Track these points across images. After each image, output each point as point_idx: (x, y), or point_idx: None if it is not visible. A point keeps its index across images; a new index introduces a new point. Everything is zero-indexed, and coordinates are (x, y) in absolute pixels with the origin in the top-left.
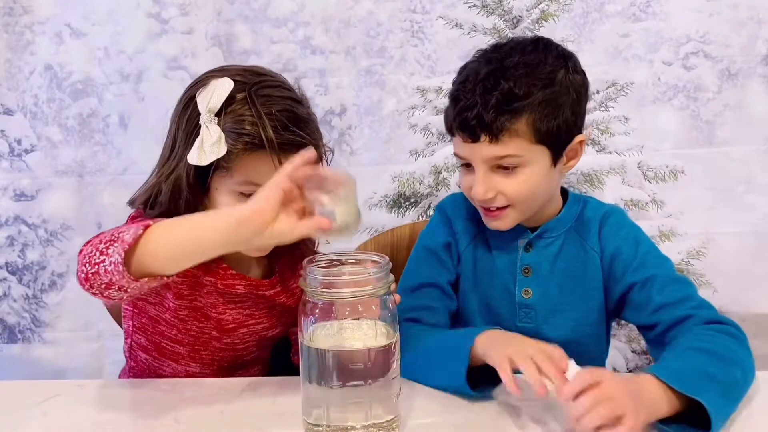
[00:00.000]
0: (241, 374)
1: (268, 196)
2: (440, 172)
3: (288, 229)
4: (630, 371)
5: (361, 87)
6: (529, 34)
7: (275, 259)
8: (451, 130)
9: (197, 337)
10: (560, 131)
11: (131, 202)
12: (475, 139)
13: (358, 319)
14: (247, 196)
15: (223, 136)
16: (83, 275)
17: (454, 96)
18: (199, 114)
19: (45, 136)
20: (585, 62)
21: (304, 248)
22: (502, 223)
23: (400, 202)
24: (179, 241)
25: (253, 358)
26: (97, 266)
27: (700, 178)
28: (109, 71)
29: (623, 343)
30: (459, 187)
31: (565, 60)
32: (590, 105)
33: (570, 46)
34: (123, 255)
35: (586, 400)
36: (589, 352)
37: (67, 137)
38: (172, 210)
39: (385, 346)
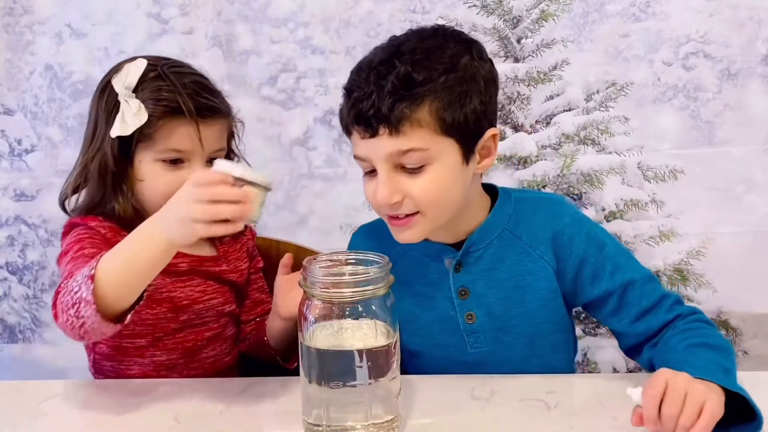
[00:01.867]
0: (207, 353)
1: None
2: None
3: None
4: (630, 371)
5: None
6: (529, 34)
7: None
8: (347, 127)
9: (154, 325)
10: (468, 122)
11: (62, 196)
12: (373, 133)
13: (358, 319)
14: (170, 163)
15: (142, 106)
16: (78, 337)
17: (348, 89)
18: (117, 94)
19: (45, 136)
20: (585, 62)
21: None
22: (411, 233)
23: None
24: (126, 272)
25: (215, 334)
26: (83, 328)
27: (700, 178)
28: None
29: None
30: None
31: (469, 45)
32: (590, 105)
33: (570, 46)
34: (97, 312)
35: (670, 408)
36: (550, 362)
37: (68, 137)
38: (101, 188)
39: (385, 346)
